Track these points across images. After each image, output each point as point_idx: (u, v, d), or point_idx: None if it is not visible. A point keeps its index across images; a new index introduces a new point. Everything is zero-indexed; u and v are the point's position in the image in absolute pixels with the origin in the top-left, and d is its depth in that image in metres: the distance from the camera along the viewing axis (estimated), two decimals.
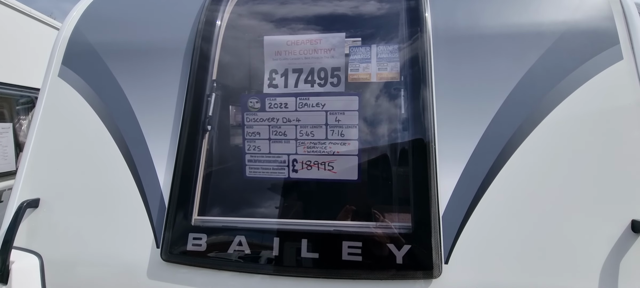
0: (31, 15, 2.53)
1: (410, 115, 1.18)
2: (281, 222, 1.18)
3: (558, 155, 1.09)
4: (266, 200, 1.27)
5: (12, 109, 2.44)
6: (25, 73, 2.48)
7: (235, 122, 1.40)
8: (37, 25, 2.62)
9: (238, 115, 1.37)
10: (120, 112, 1.34)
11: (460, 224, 1.07)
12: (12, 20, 2.38)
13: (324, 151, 1.25)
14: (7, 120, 2.36)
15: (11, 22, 2.37)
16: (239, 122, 1.33)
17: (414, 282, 1.05)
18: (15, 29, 2.40)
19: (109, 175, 1.28)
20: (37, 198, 1.28)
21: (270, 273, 1.11)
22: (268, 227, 1.16)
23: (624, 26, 1.18)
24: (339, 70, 1.30)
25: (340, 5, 1.38)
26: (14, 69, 2.38)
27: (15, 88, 2.40)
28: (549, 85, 1.15)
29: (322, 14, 1.38)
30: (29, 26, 2.53)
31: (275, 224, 1.17)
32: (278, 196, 1.27)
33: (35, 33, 2.61)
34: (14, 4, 2.36)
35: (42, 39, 2.69)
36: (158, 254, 1.17)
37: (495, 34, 1.22)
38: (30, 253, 1.23)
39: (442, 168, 1.11)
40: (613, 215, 1.03)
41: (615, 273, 0.99)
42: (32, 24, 2.56)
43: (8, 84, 2.33)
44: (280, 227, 1.16)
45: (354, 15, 1.35)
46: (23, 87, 2.47)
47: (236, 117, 1.39)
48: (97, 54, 1.44)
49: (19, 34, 2.44)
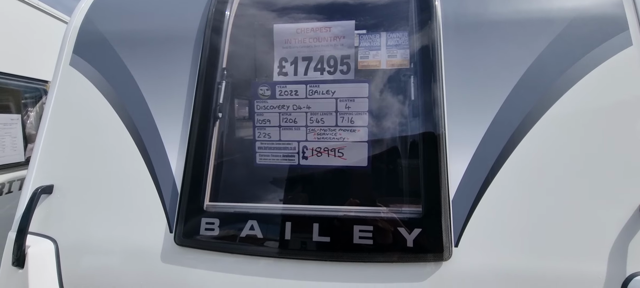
0: (38, 7, 2.54)
1: (420, 102, 1.19)
2: (292, 207, 1.20)
3: (567, 141, 1.10)
4: (277, 186, 1.29)
5: (19, 101, 2.45)
6: (32, 65, 2.49)
7: (245, 111, 1.41)
8: (44, 17, 2.63)
9: (247, 104, 1.38)
10: (131, 100, 1.36)
11: (470, 208, 1.08)
12: (19, 12, 2.39)
13: (334, 138, 1.26)
14: (13, 112, 2.38)
15: (17, 14, 2.38)
16: (249, 109, 1.34)
17: (424, 265, 1.06)
18: (21, 21, 2.41)
19: (122, 162, 1.29)
20: (51, 185, 1.30)
21: (283, 256, 1.13)
22: (280, 212, 1.18)
23: (633, 12, 1.18)
24: (349, 58, 1.31)
25: None
26: (20, 60, 2.39)
27: (22, 79, 2.41)
28: (558, 71, 1.15)
29: (332, 1, 1.39)
30: (35, 18, 2.54)
31: (287, 209, 1.19)
32: (289, 182, 1.28)
33: (42, 25, 2.62)
34: None
35: (48, 31, 2.70)
36: (171, 239, 1.19)
37: (505, 20, 1.23)
38: (46, 238, 1.25)
39: (452, 154, 1.12)
40: (621, 199, 1.04)
41: (623, 255, 1.00)
42: (39, 16, 2.57)
43: (15, 76, 2.34)
44: (291, 212, 1.17)
45: (364, 2, 1.35)
46: (30, 78, 2.49)
47: (246, 106, 1.40)
48: (108, 42, 1.45)
49: (25, 26, 2.45)
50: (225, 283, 1.13)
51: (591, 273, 1.01)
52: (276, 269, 1.12)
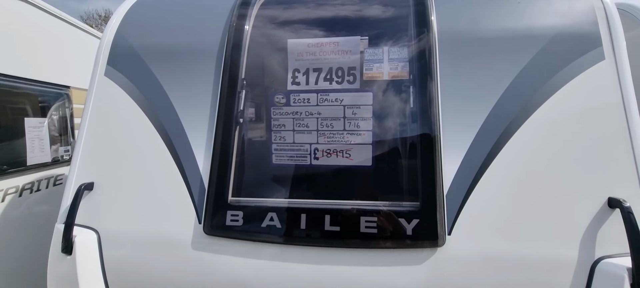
0: (62, 17, 2.71)
1: (418, 109, 1.36)
2: (306, 202, 1.36)
3: (547, 143, 1.26)
4: (291, 183, 1.45)
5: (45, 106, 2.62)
6: (56, 72, 2.67)
7: (262, 116, 1.58)
8: (66, 27, 2.81)
9: (264, 110, 1.54)
10: (161, 107, 1.52)
11: (461, 202, 1.25)
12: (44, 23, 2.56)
13: (342, 141, 1.43)
14: (39, 116, 2.55)
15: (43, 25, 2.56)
16: (266, 115, 1.51)
17: (421, 250, 1.23)
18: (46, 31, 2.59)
19: (154, 162, 1.46)
20: (92, 182, 1.47)
21: (298, 243, 1.29)
22: (295, 206, 1.34)
23: (606, 30, 1.34)
24: (355, 69, 1.47)
25: (356, 11, 1.54)
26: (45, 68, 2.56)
27: (47, 85, 2.59)
28: (540, 82, 1.31)
29: (340, 18, 1.55)
30: (59, 27, 2.71)
31: (301, 203, 1.36)
32: (302, 179, 1.45)
33: (64, 34, 2.79)
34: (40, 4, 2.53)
35: (70, 39, 2.88)
36: (200, 229, 1.35)
37: (493, 37, 1.39)
38: (89, 229, 1.42)
39: (446, 154, 1.29)
40: (593, 194, 1.20)
41: (593, 241, 1.16)
42: (62, 25, 2.75)
43: (41, 82, 2.52)
44: (305, 205, 1.34)
45: (369, 20, 1.52)
46: (54, 84, 2.66)
47: (263, 112, 1.57)
48: (138, 55, 1.62)
49: (49, 36, 2.63)
50: (249, 266, 1.30)
51: (566, 256, 1.17)
52: (293, 254, 1.29)
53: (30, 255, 2.42)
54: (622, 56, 1.30)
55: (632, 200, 1.15)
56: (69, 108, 2.81)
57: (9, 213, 2.19)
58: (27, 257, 2.39)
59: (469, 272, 1.20)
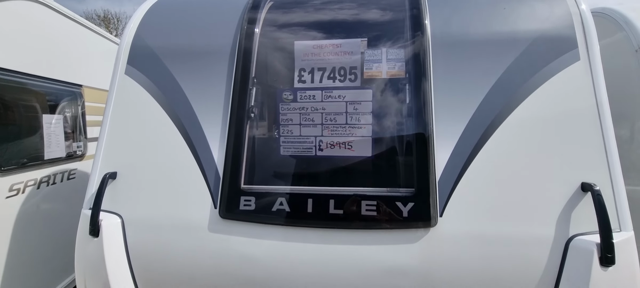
0: (74, 18, 2.84)
1: (413, 104, 1.50)
2: (313, 188, 1.50)
3: (528, 135, 1.41)
4: (299, 172, 1.59)
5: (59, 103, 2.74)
6: (70, 71, 2.79)
7: (271, 111, 1.72)
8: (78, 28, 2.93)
9: (273, 106, 1.68)
10: (178, 103, 1.66)
11: (452, 187, 1.39)
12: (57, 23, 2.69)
13: (344, 133, 1.57)
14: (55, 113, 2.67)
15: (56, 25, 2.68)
16: (275, 110, 1.65)
17: (416, 230, 1.37)
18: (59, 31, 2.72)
19: (173, 153, 1.60)
20: (115, 172, 1.60)
21: (306, 225, 1.43)
22: (303, 192, 1.48)
23: (582, 33, 1.49)
24: (356, 69, 1.61)
25: (356, 15, 1.69)
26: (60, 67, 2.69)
27: (62, 83, 2.71)
28: (522, 80, 1.46)
29: (342, 21, 1.70)
30: (71, 28, 2.84)
31: (308, 190, 1.50)
32: (308, 169, 1.59)
33: (77, 34, 2.92)
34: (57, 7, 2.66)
35: (83, 39, 3.01)
36: (216, 213, 1.49)
37: (481, 39, 1.54)
38: (114, 214, 1.55)
39: (439, 145, 1.43)
40: (567, 180, 1.35)
41: (568, 221, 1.31)
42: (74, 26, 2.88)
43: (56, 80, 2.64)
44: (312, 192, 1.48)
45: (368, 23, 1.66)
46: (67, 82, 2.78)
47: (272, 107, 1.71)
48: (156, 55, 1.75)
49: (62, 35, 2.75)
50: (261, 246, 1.44)
51: (544, 234, 1.32)
52: (300, 235, 1.43)
53: (48, 245, 2.54)
54: (595, 57, 1.45)
55: (602, 185, 1.30)
56: (80, 105, 2.93)
57: (29, 204, 2.32)
58: (45, 247, 2.52)
59: (458, 248, 1.34)
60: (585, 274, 1.23)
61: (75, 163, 2.84)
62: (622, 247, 1.23)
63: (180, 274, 1.50)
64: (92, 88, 3.06)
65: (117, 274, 1.50)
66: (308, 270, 1.41)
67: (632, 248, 1.26)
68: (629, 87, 2.05)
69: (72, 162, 2.80)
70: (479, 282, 1.33)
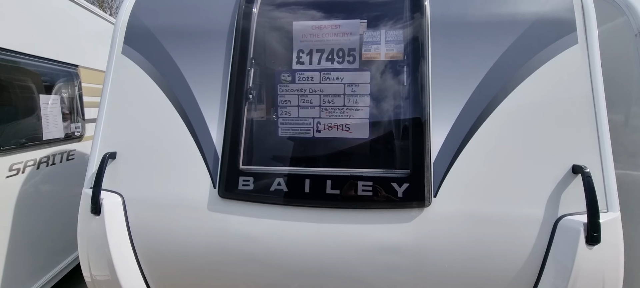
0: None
1: (411, 86, 1.51)
2: (310, 169, 1.52)
3: (522, 119, 1.43)
4: (297, 152, 1.61)
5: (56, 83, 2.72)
6: (66, 51, 2.76)
7: (269, 93, 1.72)
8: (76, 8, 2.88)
9: (271, 87, 1.68)
10: (176, 83, 1.65)
11: (446, 168, 1.42)
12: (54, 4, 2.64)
13: (342, 115, 1.58)
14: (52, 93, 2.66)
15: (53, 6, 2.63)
16: (273, 92, 1.65)
17: (410, 210, 1.41)
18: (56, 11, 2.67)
19: (171, 133, 1.61)
20: (115, 152, 1.62)
21: (303, 205, 1.47)
22: (301, 173, 1.51)
23: (581, 16, 1.49)
24: (354, 50, 1.61)
25: None
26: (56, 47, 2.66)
27: (58, 63, 2.68)
28: (520, 63, 1.47)
29: (341, 2, 1.67)
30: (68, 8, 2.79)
31: (306, 171, 1.52)
32: (306, 150, 1.61)
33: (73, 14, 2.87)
34: None
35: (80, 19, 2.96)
36: (215, 193, 1.52)
37: (480, 21, 1.53)
38: (114, 193, 1.58)
39: (435, 127, 1.45)
40: (559, 162, 1.38)
41: (557, 202, 1.35)
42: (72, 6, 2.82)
43: (53, 60, 2.62)
44: (309, 172, 1.50)
45: (367, 4, 1.64)
46: (64, 63, 2.75)
47: (271, 88, 1.71)
48: (152, 34, 1.73)
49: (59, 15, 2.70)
50: (259, 224, 1.48)
51: (534, 214, 1.36)
52: (298, 214, 1.47)
53: (49, 225, 2.58)
54: (593, 41, 1.45)
55: (592, 167, 1.33)
56: (77, 86, 2.91)
57: (29, 184, 2.34)
58: (46, 226, 2.56)
59: (451, 228, 1.39)
60: (571, 252, 1.28)
61: (74, 144, 2.85)
62: (608, 226, 1.28)
63: (181, 251, 1.54)
64: (88, 68, 3.03)
65: (120, 250, 1.54)
66: (305, 248, 1.46)
67: (618, 228, 1.30)
68: (627, 71, 2.05)
69: (71, 142, 2.81)
70: (470, 260, 1.38)
